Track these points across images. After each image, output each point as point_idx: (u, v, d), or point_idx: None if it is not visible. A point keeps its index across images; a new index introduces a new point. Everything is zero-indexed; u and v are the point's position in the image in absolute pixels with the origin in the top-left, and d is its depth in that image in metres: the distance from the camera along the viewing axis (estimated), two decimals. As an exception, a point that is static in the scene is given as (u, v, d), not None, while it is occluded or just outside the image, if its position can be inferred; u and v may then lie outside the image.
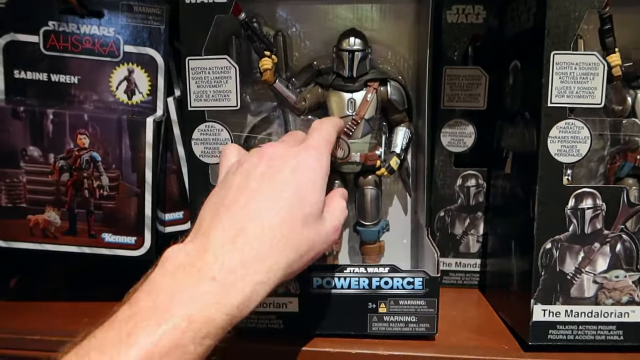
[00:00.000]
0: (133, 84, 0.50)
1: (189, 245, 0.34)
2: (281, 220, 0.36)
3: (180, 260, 0.33)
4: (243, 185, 0.37)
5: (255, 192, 0.37)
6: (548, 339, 0.45)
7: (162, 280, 0.33)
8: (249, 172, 0.38)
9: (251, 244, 0.34)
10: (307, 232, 0.37)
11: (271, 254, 0.35)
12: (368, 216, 0.52)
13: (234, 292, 0.33)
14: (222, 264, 0.33)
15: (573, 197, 0.44)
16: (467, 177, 0.58)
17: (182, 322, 0.30)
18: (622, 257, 0.45)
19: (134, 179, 0.49)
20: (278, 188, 0.37)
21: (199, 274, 0.32)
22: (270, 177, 0.38)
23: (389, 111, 0.51)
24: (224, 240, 0.34)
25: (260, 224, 0.35)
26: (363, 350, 0.46)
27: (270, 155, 0.39)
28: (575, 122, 0.43)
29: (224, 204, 0.37)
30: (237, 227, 0.35)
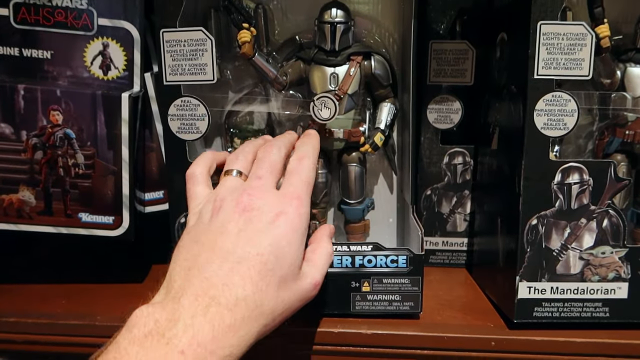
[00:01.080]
0: (108, 59, 0.49)
1: (159, 311, 0.33)
2: (255, 289, 0.34)
3: (149, 327, 0.32)
4: (217, 244, 0.36)
5: (229, 255, 0.35)
6: (533, 317, 0.45)
7: (129, 347, 0.31)
8: (224, 228, 0.36)
9: (223, 316, 0.33)
10: (282, 294, 0.36)
11: (243, 324, 0.33)
12: (352, 194, 0.51)
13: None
14: (192, 337, 0.31)
15: (559, 172, 0.43)
16: (454, 155, 0.57)
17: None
18: (609, 232, 0.44)
19: (110, 156, 0.48)
20: (255, 251, 0.35)
21: (167, 347, 0.31)
22: (247, 238, 0.36)
23: (373, 86, 0.49)
24: (195, 309, 0.32)
25: (235, 294, 0.34)
26: (346, 329, 0.45)
27: (247, 206, 0.37)
28: (562, 94, 0.42)
29: (197, 263, 0.35)
30: (209, 294, 0.33)
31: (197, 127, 0.46)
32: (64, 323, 0.48)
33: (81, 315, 0.48)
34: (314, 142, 0.44)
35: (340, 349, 0.46)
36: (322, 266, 0.40)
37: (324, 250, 0.41)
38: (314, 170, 0.42)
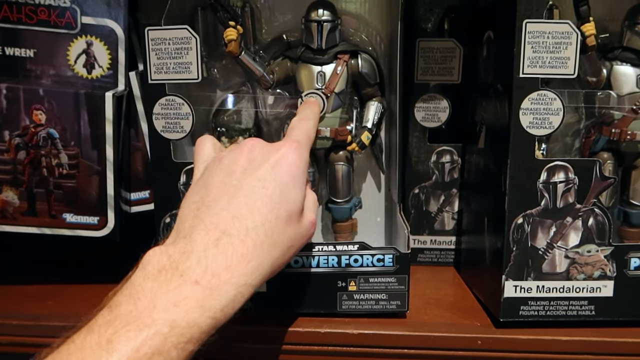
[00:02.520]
0: (92, 58, 0.48)
1: (171, 248, 0.33)
2: (264, 219, 0.35)
3: (162, 263, 0.32)
4: (224, 183, 0.37)
5: (236, 190, 0.36)
6: (519, 315, 0.45)
7: (143, 283, 0.32)
8: (229, 168, 0.37)
9: (235, 247, 0.33)
10: (289, 229, 0.37)
11: (255, 255, 0.34)
12: (339, 193, 0.50)
13: (218, 295, 0.32)
14: (206, 267, 0.32)
15: (545, 171, 0.43)
16: (442, 153, 0.56)
17: (165, 328, 0.30)
18: (594, 231, 0.44)
19: (94, 156, 0.47)
20: (260, 184, 0.36)
21: (182, 278, 0.31)
22: (252, 173, 0.37)
23: (360, 85, 0.49)
24: (207, 242, 0.33)
25: (244, 225, 0.34)
26: (332, 329, 0.45)
27: (250, 148, 0.38)
28: (547, 93, 0.42)
29: (205, 203, 0.36)
30: (220, 228, 0.34)
31: (182, 126, 0.45)
32: (50, 325, 0.47)
33: (67, 316, 0.47)
34: (315, 107, 0.46)
35: (326, 349, 0.45)
36: (313, 208, 0.41)
37: (311, 196, 0.42)
38: (314, 129, 0.43)
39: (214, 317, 0.32)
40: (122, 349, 0.28)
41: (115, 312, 0.30)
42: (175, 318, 0.30)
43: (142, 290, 0.31)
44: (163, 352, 0.29)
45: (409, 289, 0.46)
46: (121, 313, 0.30)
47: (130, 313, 0.30)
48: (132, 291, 0.31)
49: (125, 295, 0.31)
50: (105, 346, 0.29)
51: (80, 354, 0.29)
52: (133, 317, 0.30)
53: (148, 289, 0.31)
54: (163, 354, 0.29)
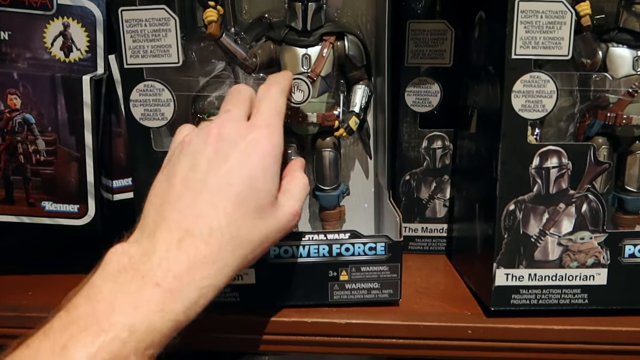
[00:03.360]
0: (70, 40, 0.46)
1: (133, 247, 0.32)
2: (230, 219, 0.34)
3: (123, 263, 0.31)
4: (188, 177, 0.35)
5: (201, 186, 0.34)
6: (511, 304, 0.44)
7: (102, 284, 0.31)
8: (194, 158, 0.35)
9: (198, 248, 0.32)
10: (260, 224, 0.35)
11: (220, 255, 0.33)
12: (327, 180, 0.49)
13: (180, 298, 0.31)
14: (167, 269, 0.31)
15: (537, 156, 0.42)
16: (433, 139, 0.55)
17: (123, 333, 0.29)
18: (588, 218, 0.43)
19: (72, 142, 0.46)
20: (225, 179, 0.34)
21: (142, 280, 0.30)
22: (217, 166, 0.35)
23: (347, 68, 0.47)
24: (169, 242, 0.32)
25: (208, 224, 0.33)
26: (319, 319, 0.44)
27: (217, 137, 0.36)
28: (540, 75, 0.41)
29: (169, 199, 0.34)
30: (183, 227, 0.33)
31: (162, 113, 0.44)
32: (30, 316, 0.46)
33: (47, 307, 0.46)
34: (285, 74, 0.43)
35: (313, 339, 0.44)
36: (299, 196, 0.39)
37: (299, 181, 0.40)
38: (283, 97, 0.40)
39: (176, 320, 0.31)
40: (77, 355, 0.28)
41: (72, 315, 0.29)
42: (135, 322, 0.29)
43: (101, 292, 0.30)
44: (121, 357, 0.28)
45: (401, 277, 0.45)
46: (78, 316, 0.29)
47: (87, 317, 0.29)
48: (91, 292, 0.30)
49: (83, 296, 0.30)
50: (59, 352, 0.28)
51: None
52: (90, 321, 0.29)
53: (107, 291, 0.30)
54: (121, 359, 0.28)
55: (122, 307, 0.29)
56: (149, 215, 0.34)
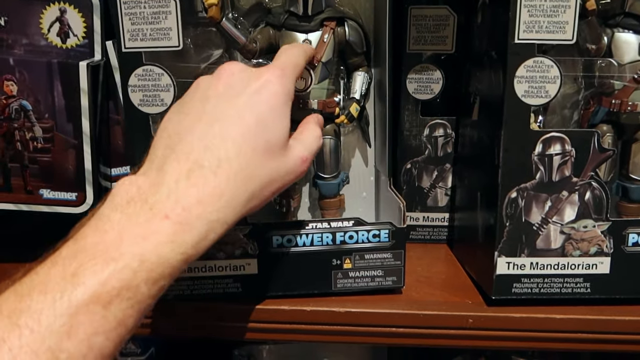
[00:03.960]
0: (66, 26, 0.46)
1: (141, 179, 0.32)
2: (239, 151, 0.33)
3: (131, 194, 0.31)
4: (198, 110, 0.34)
5: (211, 118, 0.34)
6: (512, 293, 0.43)
7: (111, 215, 0.30)
8: (205, 94, 0.35)
9: (207, 179, 0.32)
10: (269, 163, 0.35)
11: (229, 188, 0.32)
12: (327, 168, 0.49)
13: (189, 230, 0.30)
14: (176, 201, 0.30)
15: (540, 143, 0.41)
16: (435, 127, 0.54)
17: (134, 262, 0.28)
18: (591, 206, 0.42)
19: (69, 129, 0.45)
20: (236, 113, 0.34)
21: (151, 212, 0.30)
22: (228, 100, 0.34)
23: (347, 54, 0.47)
24: (178, 174, 0.31)
25: (217, 156, 0.32)
26: (319, 307, 0.44)
27: (229, 73, 0.36)
28: (544, 60, 0.40)
29: (178, 131, 0.34)
30: (192, 159, 0.32)
31: (162, 99, 0.43)
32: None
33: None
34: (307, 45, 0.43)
35: (313, 327, 0.44)
36: (309, 144, 0.39)
37: (311, 132, 0.40)
38: (303, 58, 0.40)
39: (185, 253, 0.30)
40: (87, 282, 0.27)
41: (80, 244, 0.29)
42: (145, 252, 0.29)
43: (110, 222, 0.30)
44: (132, 287, 0.28)
45: (405, 264, 0.45)
46: (87, 245, 0.29)
47: (96, 246, 0.29)
48: (99, 223, 0.30)
49: (91, 227, 0.30)
50: (70, 279, 0.27)
51: (43, 286, 0.27)
52: (100, 250, 0.28)
53: (116, 221, 0.30)
54: (132, 289, 0.28)
55: (131, 237, 0.29)
56: (157, 148, 0.34)
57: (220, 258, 0.44)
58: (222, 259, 0.44)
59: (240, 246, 0.44)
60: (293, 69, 0.38)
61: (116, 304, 0.28)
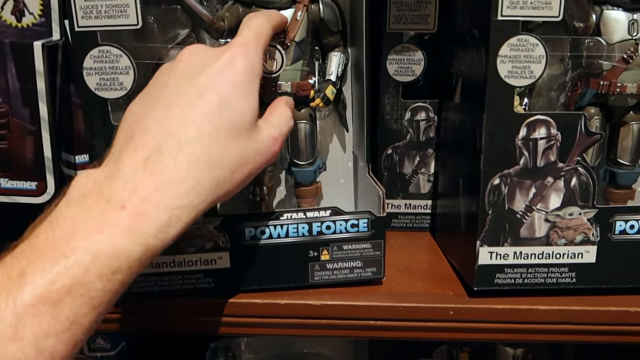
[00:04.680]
0: (21, 3, 0.43)
1: (98, 171, 0.30)
2: (201, 133, 0.31)
3: (87, 187, 0.29)
4: (157, 94, 0.33)
5: (170, 101, 0.32)
6: (495, 284, 0.42)
7: (66, 211, 0.29)
8: (164, 79, 0.34)
9: (166, 165, 0.30)
10: (237, 145, 0.33)
11: (191, 174, 0.30)
12: (302, 155, 0.46)
13: (149, 220, 0.29)
14: (133, 190, 0.29)
15: (525, 126, 0.39)
16: (417, 110, 0.52)
17: (86, 257, 0.27)
18: (577, 192, 0.40)
19: (26, 114, 0.42)
20: (196, 93, 0.32)
21: (108, 204, 0.29)
22: (188, 81, 0.33)
23: (322, 33, 0.44)
24: (135, 163, 0.30)
25: (177, 140, 0.31)
26: (293, 300, 0.42)
27: (189, 55, 0.34)
28: (529, 38, 0.38)
29: (137, 119, 0.32)
30: (150, 145, 0.30)
31: (121, 83, 0.40)
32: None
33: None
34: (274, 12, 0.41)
35: (287, 321, 0.42)
36: (279, 124, 0.37)
37: (281, 112, 0.38)
38: (268, 24, 0.38)
39: (146, 244, 0.29)
40: (36, 281, 0.26)
41: (32, 243, 0.28)
42: (99, 246, 0.27)
43: (63, 217, 0.28)
44: (85, 283, 0.27)
45: (384, 254, 0.43)
46: (38, 243, 0.28)
47: (47, 242, 0.27)
48: (53, 219, 0.29)
49: (45, 224, 0.28)
50: (16, 279, 0.26)
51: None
52: (50, 246, 0.27)
53: (69, 216, 0.28)
54: (85, 285, 0.27)
55: (84, 231, 0.28)
56: (118, 139, 0.32)
57: (190, 252, 0.42)
58: (191, 253, 0.42)
59: (211, 239, 0.42)
60: (257, 41, 0.35)
61: (67, 303, 0.26)
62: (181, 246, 0.41)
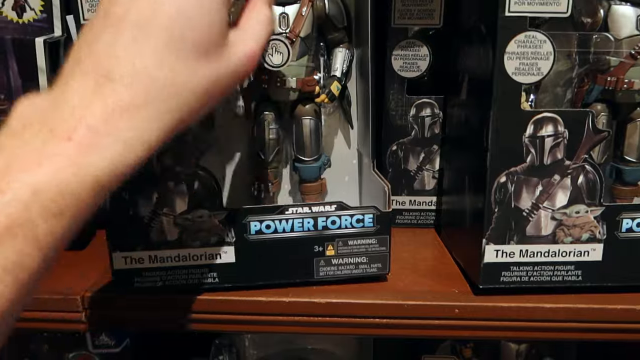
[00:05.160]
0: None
1: (43, 99, 0.27)
2: (159, 57, 0.28)
3: (29, 116, 0.26)
4: (108, 13, 0.28)
5: (121, 20, 0.28)
6: (500, 282, 0.41)
7: (5, 142, 0.26)
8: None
9: (118, 93, 0.27)
10: (202, 68, 0.29)
11: (148, 102, 0.27)
12: (307, 150, 0.46)
13: (98, 151, 0.26)
14: (79, 120, 0.26)
15: (532, 124, 0.39)
16: (422, 106, 0.52)
17: (24, 193, 0.24)
18: (584, 190, 0.40)
19: (28, 111, 0.42)
20: (151, 9, 0.28)
21: (51, 134, 0.25)
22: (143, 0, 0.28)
23: (327, 29, 0.44)
24: (84, 89, 0.27)
25: (131, 66, 0.27)
26: (298, 298, 0.42)
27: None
28: (536, 34, 0.37)
29: (88, 42, 0.28)
30: (100, 71, 0.27)
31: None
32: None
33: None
34: None
35: (292, 319, 0.42)
36: (256, 33, 0.33)
37: (259, 15, 0.33)
38: None
39: (96, 177, 0.26)
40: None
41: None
42: (39, 180, 0.24)
43: (4, 149, 0.25)
44: (25, 223, 0.24)
45: (390, 250, 0.43)
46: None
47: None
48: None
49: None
50: None
51: None
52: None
53: (8, 149, 0.25)
54: (25, 225, 0.24)
55: (23, 164, 0.25)
56: (67, 63, 0.28)
57: (195, 246, 0.42)
58: (196, 247, 0.42)
59: (216, 233, 0.41)
60: None
61: (7, 244, 0.24)
62: (186, 240, 0.41)
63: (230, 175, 0.49)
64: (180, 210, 0.41)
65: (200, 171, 0.41)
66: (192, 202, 0.41)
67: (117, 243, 0.41)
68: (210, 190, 0.41)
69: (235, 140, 0.48)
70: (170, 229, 0.41)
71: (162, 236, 0.41)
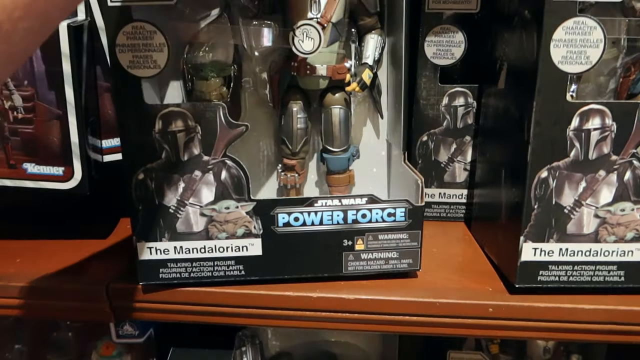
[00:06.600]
0: (45, -19, 0.41)
1: None
2: None
3: None
4: None
5: None
6: (538, 281, 0.40)
7: None
8: None
9: None
10: None
11: None
12: (336, 141, 0.44)
13: None
14: None
15: (577, 116, 0.36)
16: (455, 95, 0.50)
17: None
18: (631, 187, 0.38)
19: (52, 98, 0.41)
20: None
21: None
22: None
23: (358, 15, 0.42)
24: None
25: None
26: (325, 294, 0.41)
27: None
28: (586, 20, 0.35)
29: None
30: None
31: (155, 61, 0.38)
32: (17, 285, 0.43)
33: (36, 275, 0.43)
34: None
35: (319, 314, 0.41)
36: None
37: None
38: None
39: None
40: None
41: None
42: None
43: None
44: None
45: (421, 245, 0.41)
46: None
47: None
48: None
49: None
50: None
51: None
52: None
53: None
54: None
55: None
56: None
57: (221, 238, 0.40)
58: (222, 239, 0.40)
59: (243, 225, 0.40)
60: None
61: None
62: (212, 231, 0.40)
63: (256, 165, 0.47)
64: (206, 200, 0.40)
65: (228, 160, 0.40)
66: (219, 192, 0.40)
67: (142, 233, 0.40)
68: (237, 181, 0.40)
69: (261, 129, 0.46)
70: (196, 219, 0.40)
71: (188, 227, 0.40)
